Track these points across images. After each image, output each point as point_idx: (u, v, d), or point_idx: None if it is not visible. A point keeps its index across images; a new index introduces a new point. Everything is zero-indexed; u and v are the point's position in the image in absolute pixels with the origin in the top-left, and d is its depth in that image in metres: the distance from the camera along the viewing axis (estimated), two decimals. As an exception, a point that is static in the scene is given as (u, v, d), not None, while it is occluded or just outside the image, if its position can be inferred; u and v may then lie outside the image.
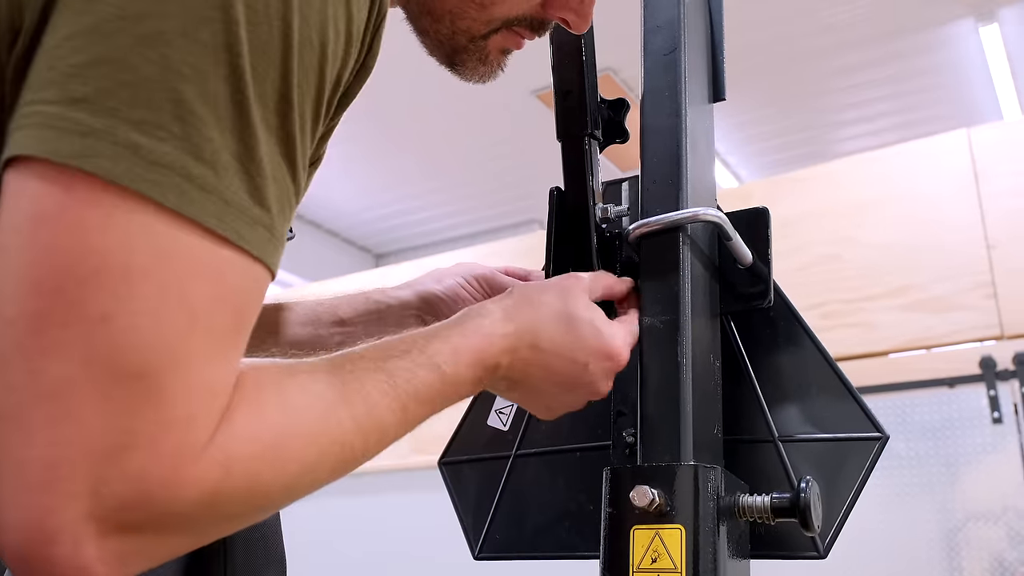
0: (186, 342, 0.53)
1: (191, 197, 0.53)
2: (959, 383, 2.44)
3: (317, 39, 0.59)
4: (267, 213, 0.58)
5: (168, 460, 0.52)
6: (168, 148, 0.53)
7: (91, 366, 0.51)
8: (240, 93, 0.55)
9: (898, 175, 2.75)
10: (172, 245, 0.53)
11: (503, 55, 0.95)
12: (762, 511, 0.82)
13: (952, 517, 2.34)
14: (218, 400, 0.56)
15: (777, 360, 0.98)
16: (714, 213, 0.91)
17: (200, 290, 0.54)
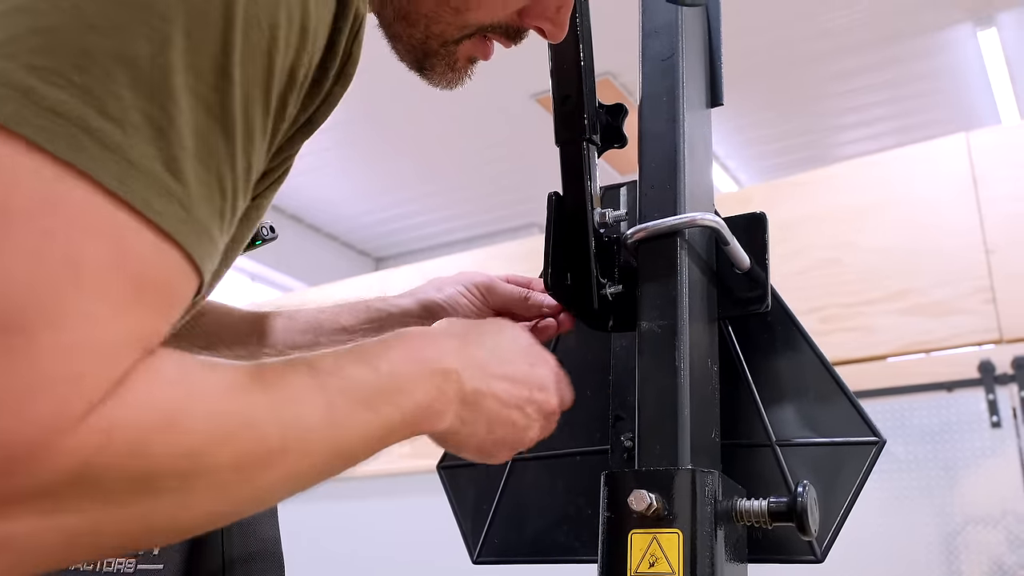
0: (68, 298, 0.48)
1: (89, 152, 0.49)
2: (958, 387, 2.44)
3: (266, 21, 0.56)
4: (183, 187, 0.53)
5: (38, 425, 0.47)
6: (65, 96, 0.49)
7: None
8: (163, 56, 0.52)
9: (897, 179, 2.76)
10: (61, 195, 0.49)
11: (470, 63, 0.94)
12: (759, 515, 0.82)
13: (951, 521, 2.34)
14: (107, 366, 0.50)
15: (774, 364, 0.98)
16: (712, 218, 0.92)
17: (91, 249, 0.49)
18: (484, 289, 1.12)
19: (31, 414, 0.47)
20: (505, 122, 6.53)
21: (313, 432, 0.63)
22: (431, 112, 6.42)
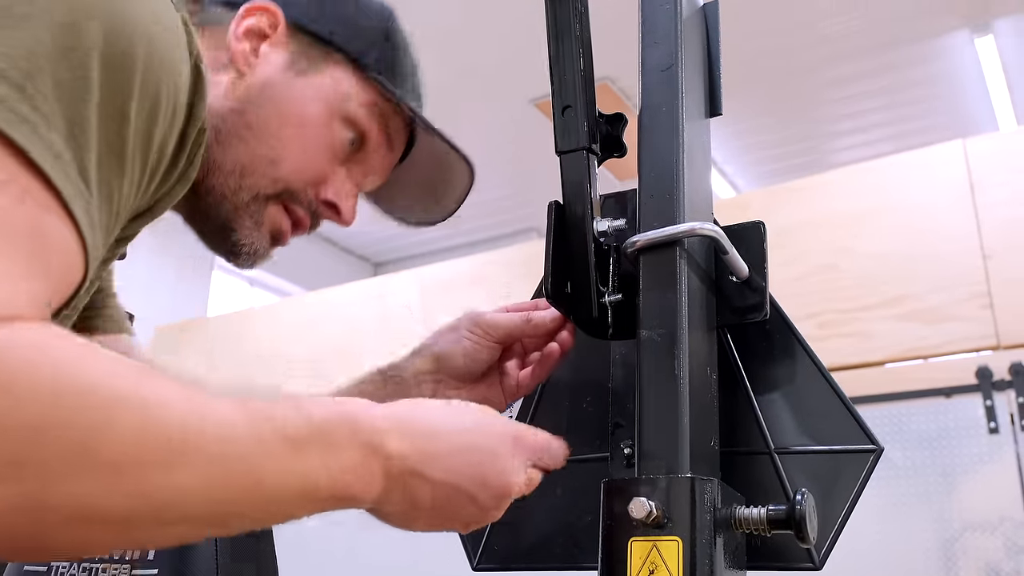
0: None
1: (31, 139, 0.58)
2: (955, 393, 2.45)
3: (153, 90, 0.67)
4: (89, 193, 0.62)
5: None
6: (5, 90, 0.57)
7: None
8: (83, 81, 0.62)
9: (894, 185, 2.76)
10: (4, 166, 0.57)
11: (272, 238, 1.03)
12: (758, 523, 0.83)
13: (948, 527, 2.34)
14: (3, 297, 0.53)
15: (773, 372, 0.99)
16: (711, 227, 0.92)
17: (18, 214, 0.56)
18: (485, 326, 1.11)
19: None
20: (504, 127, 6.54)
21: (230, 443, 0.59)
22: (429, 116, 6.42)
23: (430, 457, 0.74)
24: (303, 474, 0.63)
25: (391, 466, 0.71)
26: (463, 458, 0.77)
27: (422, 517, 0.77)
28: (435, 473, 0.74)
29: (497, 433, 0.81)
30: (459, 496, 0.77)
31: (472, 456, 0.78)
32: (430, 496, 0.75)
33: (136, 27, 0.66)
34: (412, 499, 0.74)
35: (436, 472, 0.74)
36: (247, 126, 0.96)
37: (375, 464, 0.70)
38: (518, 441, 0.83)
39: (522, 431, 0.85)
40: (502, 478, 0.80)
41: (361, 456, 0.68)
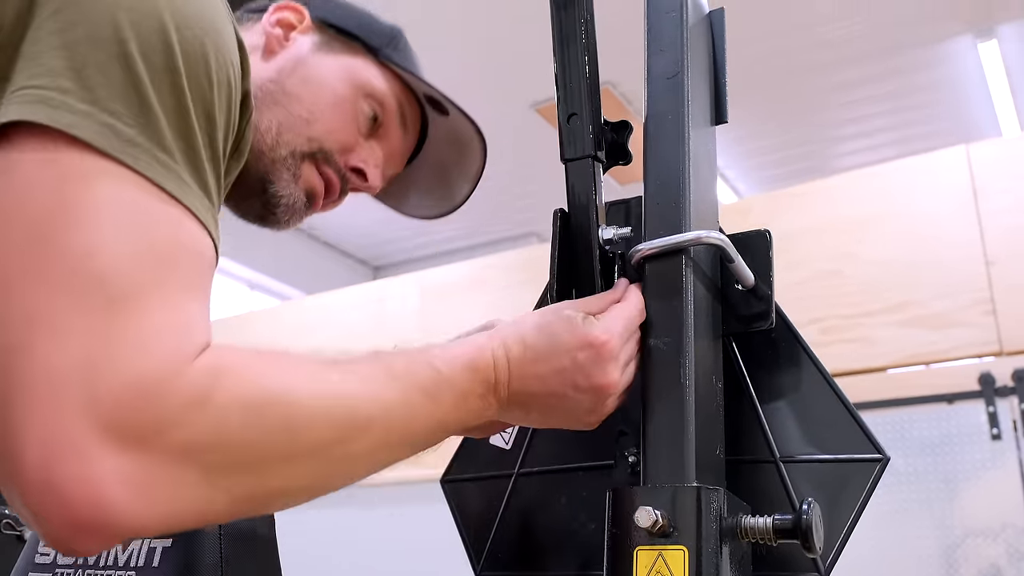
0: (156, 272, 0.62)
1: (158, 170, 0.65)
2: (958, 399, 2.45)
3: (227, 79, 0.74)
4: (210, 203, 0.70)
5: (159, 360, 0.58)
6: (135, 133, 0.65)
7: (74, 291, 0.58)
8: (183, 107, 0.69)
9: (897, 191, 2.76)
10: (139, 200, 0.63)
11: (307, 199, 1.12)
12: (764, 532, 0.82)
13: (951, 533, 2.34)
14: (197, 321, 0.64)
15: (778, 381, 0.99)
16: (717, 236, 0.92)
17: (164, 236, 0.64)
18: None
19: (152, 351, 0.58)
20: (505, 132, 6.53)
21: (391, 411, 0.74)
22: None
23: (529, 377, 0.86)
24: (440, 418, 0.80)
25: (503, 392, 0.85)
26: (552, 372, 0.86)
27: (535, 419, 0.91)
28: (534, 387, 0.86)
29: (572, 346, 0.87)
30: (560, 402, 0.88)
31: (558, 369, 0.87)
32: (536, 405, 0.88)
33: (200, 19, 0.72)
34: (524, 410, 0.88)
35: (535, 387, 0.86)
36: (283, 92, 1.06)
37: (491, 396, 0.85)
38: (592, 348, 0.87)
39: (592, 336, 0.87)
40: (590, 380, 0.87)
41: (482, 391, 0.84)
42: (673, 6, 1.04)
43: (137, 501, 0.56)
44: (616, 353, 0.87)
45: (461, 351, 0.83)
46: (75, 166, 0.61)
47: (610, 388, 0.87)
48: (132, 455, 0.56)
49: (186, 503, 0.59)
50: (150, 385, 0.57)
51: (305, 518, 3.37)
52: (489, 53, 5.67)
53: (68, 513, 0.55)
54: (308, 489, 0.71)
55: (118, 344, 0.57)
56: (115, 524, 0.56)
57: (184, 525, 0.61)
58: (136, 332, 0.58)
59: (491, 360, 0.85)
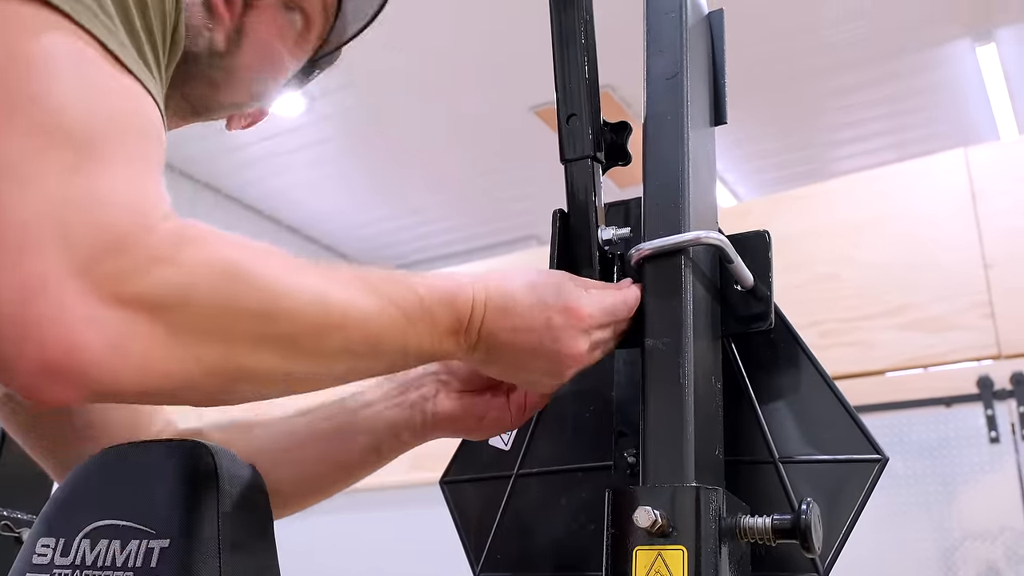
0: (114, 125, 0.62)
1: (100, 29, 0.65)
2: (956, 402, 2.45)
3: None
4: (149, 72, 0.70)
5: (131, 212, 0.59)
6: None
7: (39, 137, 0.58)
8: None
9: (896, 194, 2.77)
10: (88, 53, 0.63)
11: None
12: (763, 533, 0.82)
13: (949, 536, 2.34)
14: (156, 183, 0.64)
15: (777, 381, 0.99)
16: (716, 236, 0.92)
17: (116, 94, 0.64)
18: None
19: (124, 203, 0.59)
20: (504, 134, 6.55)
21: (367, 318, 0.74)
22: (430, 125, 6.44)
23: (501, 329, 0.86)
24: (411, 341, 0.79)
25: (472, 335, 0.85)
26: (525, 328, 0.87)
27: (496, 370, 0.91)
28: (503, 338, 0.86)
29: (552, 308, 0.87)
30: (522, 359, 0.88)
31: (531, 327, 0.87)
32: (500, 356, 0.88)
33: None
34: (487, 356, 0.87)
35: (504, 337, 0.86)
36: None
37: (461, 335, 0.84)
38: (570, 314, 0.88)
39: (574, 303, 0.88)
40: (556, 345, 0.87)
41: (453, 327, 0.83)
42: (672, 7, 1.04)
43: (108, 350, 0.56)
44: (589, 327, 0.88)
45: (442, 283, 0.83)
46: (21, 15, 0.61)
47: (573, 358, 0.88)
48: (105, 304, 0.56)
49: (156, 361, 0.59)
50: (120, 235, 0.57)
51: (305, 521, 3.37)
52: (488, 56, 5.67)
53: (41, 354, 0.55)
54: (275, 378, 0.70)
55: (89, 192, 0.58)
56: (86, 371, 0.56)
57: (156, 388, 0.61)
58: (106, 183, 0.59)
59: (470, 301, 0.84)
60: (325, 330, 0.70)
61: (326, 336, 0.70)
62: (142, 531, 0.83)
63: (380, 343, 0.76)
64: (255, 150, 6.74)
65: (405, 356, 0.81)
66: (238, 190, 7.49)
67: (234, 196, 7.57)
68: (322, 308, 0.69)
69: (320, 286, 0.70)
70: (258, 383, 0.70)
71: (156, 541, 0.87)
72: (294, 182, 7.32)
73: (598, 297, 0.90)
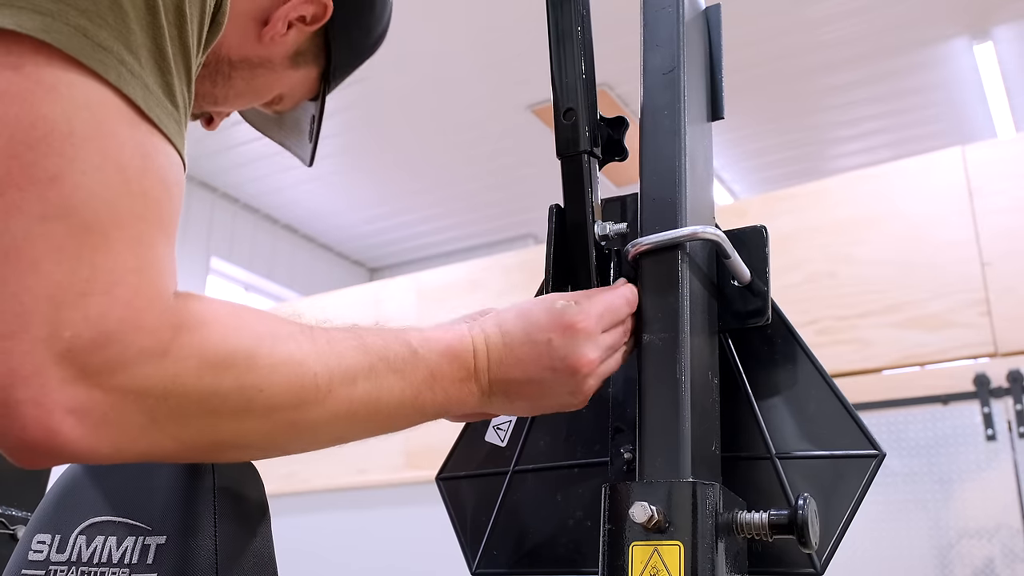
0: (124, 201, 0.61)
1: (125, 79, 0.62)
2: (953, 400, 2.45)
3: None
4: (176, 109, 0.67)
5: (125, 304, 0.59)
6: (106, 35, 0.61)
7: (45, 222, 0.57)
8: (152, 1, 0.65)
9: (893, 192, 2.77)
10: (108, 116, 0.61)
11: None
12: (760, 528, 0.82)
13: (945, 534, 2.34)
14: (161, 262, 0.63)
15: (775, 377, 0.98)
16: (713, 231, 0.92)
17: (132, 159, 0.62)
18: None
19: (118, 296, 0.59)
20: (501, 133, 6.55)
21: (354, 382, 0.74)
22: (427, 123, 6.44)
23: (509, 363, 0.87)
24: (411, 398, 0.80)
25: (483, 379, 0.86)
26: (530, 357, 0.87)
27: (521, 407, 0.92)
28: (515, 374, 0.87)
29: (548, 329, 0.88)
30: (540, 388, 0.88)
31: (536, 353, 0.87)
32: (519, 393, 0.88)
33: None
34: (507, 398, 0.88)
35: (515, 373, 0.87)
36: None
37: (472, 383, 0.85)
38: (566, 329, 0.87)
39: (567, 318, 0.88)
40: (566, 362, 0.87)
41: (462, 376, 0.84)
42: (669, 2, 1.04)
43: (85, 433, 0.58)
44: (591, 333, 0.88)
45: (439, 335, 0.84)
46: (44, 75, 0.59)
47: (585, 368, 0.87)
48: (85, 389, 0.58)
49: (133, 442, 0.61)
50: (111, 327, 0.58)
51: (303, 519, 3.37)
52: (486, 55, 5.67)
53: (22, 434, 0.57)
54: (260, 447, 0.71)
55: (86, 281, 0.58)
56: (63, 450, 0.58)
57: (133, 459, 0.63)
58: (103, 270, 0.58)
59: (471, 347, 0.85)
60: (309, 402, 0.70)
61: (310, 407, 0.71)
62: (138, 527, 0.82)
63: (375, 405, 0.77)
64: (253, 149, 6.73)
65: (411, 412, 0.81)
66: (235, 188, 7.48)
67: (231, 195, 7.57)
68: (308, 381, 0.70)
69: (305, 355, 0.70)
70: (240, 451, 0.71)
71: (152, 538, 0.87)
72: (292, 181, 7.32)
73: (589, 305, 0.89)
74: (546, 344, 0.87)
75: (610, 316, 0.90)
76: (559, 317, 0.88)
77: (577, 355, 0.87)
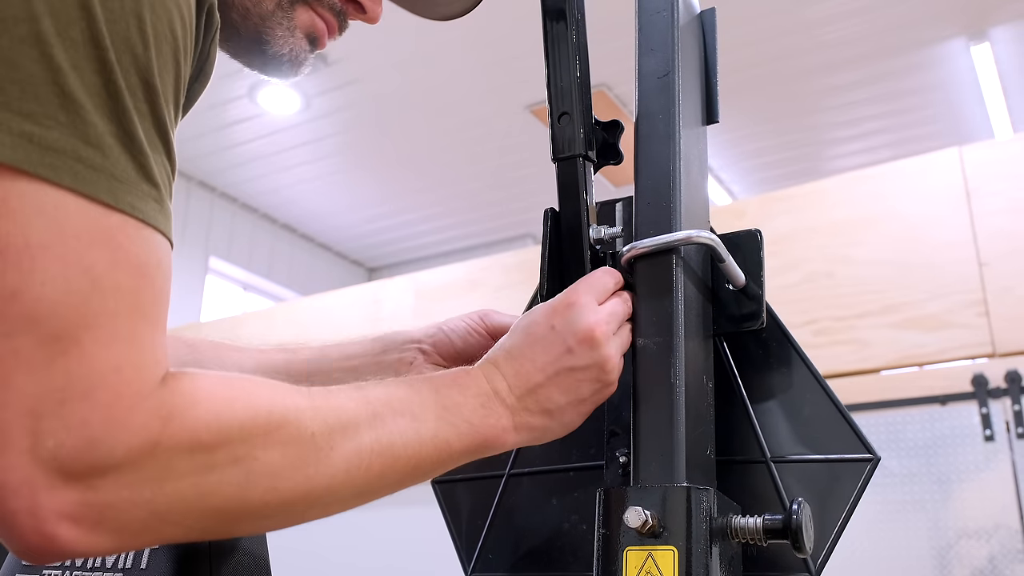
0: (93, 302, 0.58)
1: (84, 176, 0.59)
2: (951, 401, 2.45)
3: (169, 32, 0.65)
4: (155, 188, 0.64)
5: (107, 407, 0.57)
6: (57, 135, 0.58)
7: (11, 337, 0.56)
8: (113, 84, 0.61)
9: (890, 193, 2.77)
10: (68, 220, 0.58)
11: (308, 43, 0.96)
12: (754, 533, 0.82)
13: (944, 535, 2.34)
14: (144, 353, 0.60)
15: (769, 381, 0.98)
16: (707, 235, 0.92)
17: (99, 256, 0.59)
18: (491, 323, 1.12)
19: (99, 399, 0.57)
20: (499, 133, 6.55)
21: (363, 433, 0.72)
22: (425, 123, 6.44)
23: (525, 372, 0.86)
24: (432, 437, 0.78)
25: (509, 398, 0.85)
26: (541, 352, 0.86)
27: (567, 414, 0.88)
28: (537, 378, 0.86)
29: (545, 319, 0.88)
30: (569, 379, 0.86)
31: (544, 347, 0.87)
32: (553, 398, 0.86)
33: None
34: (546, 414, 0.87)
35: (538, 377, 0.86)
36: None
37: (496, 404, 0.84)
38: (563, 310, 0.88)
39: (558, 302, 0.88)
40: (578, 336, 0.86)
41: (482, 401, 0.83)
42: (663, 6, 1.04)
43: (83, 534, 0.58)
44: (585, 303, 0.88)
45: (438, 374, 0.84)
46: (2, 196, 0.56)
47: (598, 330, 0.87)
48: (76, 493, 0.57)
49: (136, 536, 0.61)
50: (95, 432, 0.57)
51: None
52: (485, 54, 5.67)
53: (22, 541, 0.57)
54: (274, 517, 0.69)
55: (63, 388, 0.57)
56: (65, 551, 0.58)
57: (144, 547, 0.64)
58: (79, 376, 0.57)
59: (478, 371, 0.85)
60: (312, 465, 0.69)
61: (316, 468, 0.69)
62: (132, 531, 0.82)
63: (392, 455, 0.75)
64: (251, 148, 6.73)
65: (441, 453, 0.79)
66: (234, 188, 7.48)
67: (230, 194, 7.57)
68: (309, 443, 0.69)
69: (306, 419, 0.69)
70: (261, 526, 0.71)
71: (146, 541, 0.86)
72: (290, 180, 7.32)
73: (572, 286, 0.91)
74: (551, 331, 0.87)
75: (598, 287, 0.91)
76: (550, 306, 0.89)
77: (584, 322, 0.86)
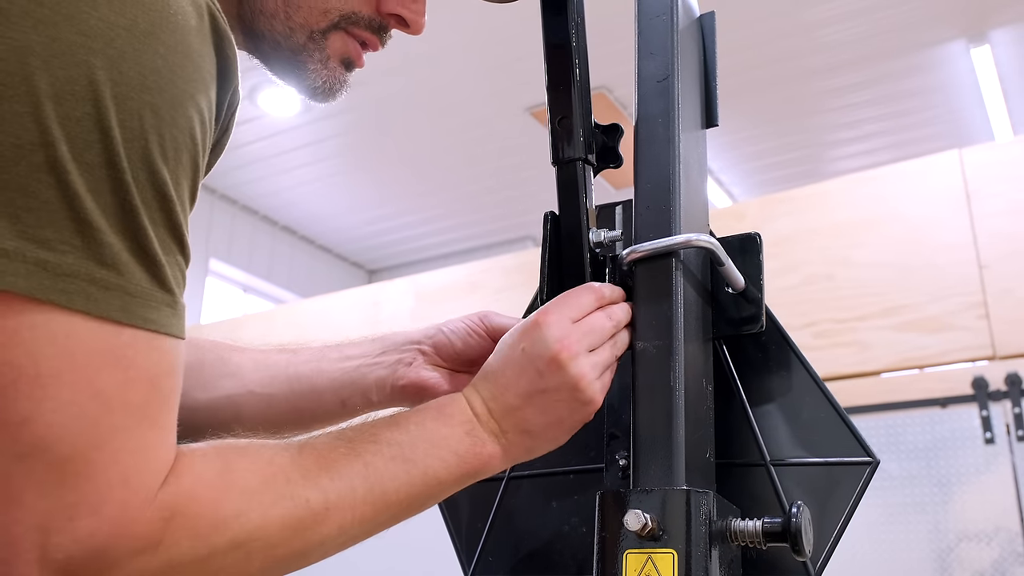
0: (102, 423, 0.60)
1: (96, 298, 0.60)
2: (951, 403, 2.44)
3: (189, 139, 0.66)
4: (169, 295, 0.65)
5: (113, 519, 0.60)
6: (72, 259, 0.59)
7: (22, 461, 0.58)
8: (128, 203, 0.62)
9: (891, 195, 2.77)
10: (79, 345, 0.60)
11: (344, 67, 0.95)
12: (754, 536, 0.82)
13: (944, 537, 2.34)
14: (151, 461, 0.63)
15: (769, 384, 0.99)
16: (707, 239, 0.92)
17: (109, 378, 0.61)
18: (490, 324, 1.11)
19: (105, 512, 0.60)
20: (500, 135, 6.55)
21: (354, 491, 0.75)
22: (425, 125, 6.44)
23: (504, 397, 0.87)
24: (423, 473, 0.81)
25: (492, 424, 0.86)
26: (516, 376, 0.87)
27: (546, 436, 0.89)
28: (515, 402, 0.87)
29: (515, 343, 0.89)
30: (544, 400, 0.87)
31: (517, 371, 0.87)
32: (532, 421, 0.87)
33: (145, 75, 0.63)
34: (527, 435, 0.88)
35: (516, 401, 0.87)
36: None
37: (481, 431, 0.86)
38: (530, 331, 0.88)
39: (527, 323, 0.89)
40: (544, 357, 0.86)
41: (467, 429, 0.85)
42: (663, 10, 1.04)
43: None
44: (552, 322, 0.88)
45: (425, 406, 0.86)
46: (6, 322, 0.58)
47: (563, 352, 0.86)
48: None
49: None
50: (102, 542, 0.60)
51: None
52: (485, 57, 5.67)
53: None
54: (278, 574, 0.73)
55: (71, 506, 0.59)
56: None
57: None
58: (89, 492, 0.60)
59: (462, 398, 0.87)
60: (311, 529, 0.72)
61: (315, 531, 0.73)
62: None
63: (385, 499, 0.78)
64: (251, 150, 6.74)
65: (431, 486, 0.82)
66: (234, 190, 7.49)
67: (230, 196, 7.57)
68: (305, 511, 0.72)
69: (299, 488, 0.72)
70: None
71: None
72: (290, 183, 7.32)
73: (546, 305, 0.91)
74: (521, 354, 0.87)
75: (573, 304, 0.90)
76: (522, 327, 0.89)
77: (548, 344, 0.86)
